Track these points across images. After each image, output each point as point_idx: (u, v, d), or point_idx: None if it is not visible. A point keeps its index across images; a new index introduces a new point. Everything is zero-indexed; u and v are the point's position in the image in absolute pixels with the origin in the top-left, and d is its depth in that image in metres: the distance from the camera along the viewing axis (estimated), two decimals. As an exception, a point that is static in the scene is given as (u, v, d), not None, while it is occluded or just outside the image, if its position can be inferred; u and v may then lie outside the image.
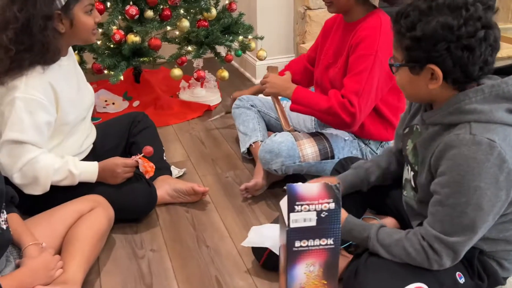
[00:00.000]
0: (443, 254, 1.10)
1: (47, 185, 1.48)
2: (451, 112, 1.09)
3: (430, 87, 1.08)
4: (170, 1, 2.27)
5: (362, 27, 1.63)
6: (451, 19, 1.01)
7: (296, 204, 1.05)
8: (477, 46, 1.01)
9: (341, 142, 1.76)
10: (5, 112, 1.41)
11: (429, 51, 1.04)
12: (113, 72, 2.26)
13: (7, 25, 1.37)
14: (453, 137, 1.06)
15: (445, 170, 1.08)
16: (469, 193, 1.05)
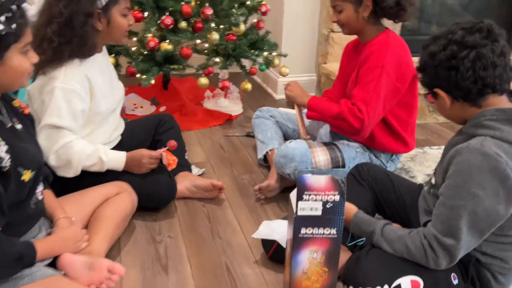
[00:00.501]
0: (440, 254, 1.19)
1: (79, 169, 1.61)
2: (474, 124, 1.22)
3: (445, 106, 1.23)
4: (203, 14, 2.44)
5: (372, 43, 1.76)
6: (433, 47, 1.20)
7: (304, 193, 1.16)
8: (460, 65, 1.15)
9: (353, 153, 1.87)
10: (45, 99, 1.56)
11: (427, 77, 1.24)
12: (145, 76, 2.43)
13: (52, 19, 1.52)
14: (464, 145, 1.18)
15: (451, 174, 1.18)
16: (467, 198, 1.14)
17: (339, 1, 1.73)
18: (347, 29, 1.79)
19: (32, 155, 1.22)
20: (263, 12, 2.68)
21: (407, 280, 1.23)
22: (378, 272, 1.23)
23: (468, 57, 1.15)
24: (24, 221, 1.25)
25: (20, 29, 1.09)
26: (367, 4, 1.71)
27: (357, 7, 1.72)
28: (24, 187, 1.19)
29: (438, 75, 1.19)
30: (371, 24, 1.76)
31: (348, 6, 1.72)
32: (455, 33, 1.17)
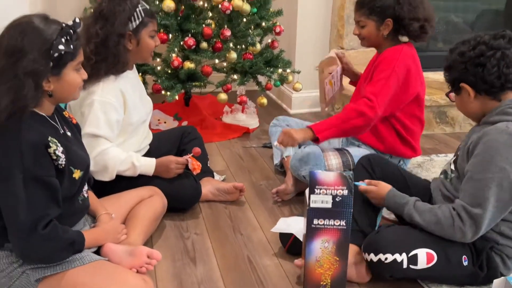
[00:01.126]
0: (467, 223, 1.36)
1: (114, 174, 1.80)
2: (497, 113, 1.41)
3: (472, 101, 1.43)
4: (222, 35, 2.66)
5: (386, 51, 1.96)
6: (463, 48, 1.41)
7: (316, 187, 1.34)
8: (487, 62, 1.36)
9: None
10: (85, 112, 1.76)
11: (456, 72, 1.43)
12: (170, 93, 2.64)
13: (90, 39, 1.73)
14: (492, 127, 1.38)
15: (479, 152, 1.37)
16: (495, 171, 1.33)
17: (363, 17, 1.94)
18: (367, 42, 2.00)
19: (80, 157, 1.42)
20: (277, 32, 2.89)
21: (423, 251, 1.40)
22: (398, 241, 1.41)
23: (494, 56, 1.36)
24: (72, 214, 1.44)
25: (76, 49, 1.29)
26: (388, 24, 1.92)
27: (379, 25, 1.93)
28: (74, 184, 1.38)
29: (467, 70, 1.39)
30: (390, 40, 1.96)
31: (370, 23, 1.94)
32: (482, 37, 1.39)
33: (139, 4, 1.77)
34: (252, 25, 2.81)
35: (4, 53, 1.22)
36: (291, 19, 3.30)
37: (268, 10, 2.88)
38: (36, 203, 1.23)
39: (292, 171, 2.03)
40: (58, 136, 1.34)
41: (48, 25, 1.25)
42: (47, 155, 1.25)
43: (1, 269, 1.30)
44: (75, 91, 1.35)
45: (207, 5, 2.75)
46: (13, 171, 1.20)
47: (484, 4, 3.93)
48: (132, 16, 1.75)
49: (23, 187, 1.20)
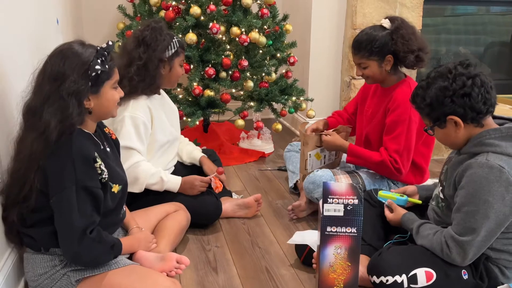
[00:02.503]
0: (454, 250, 1.47)
1: (143, 186, 1.94)
2: (475, 144, 1.49)
3: (458, 132, 1.50)
4: (240, 65, 2.86)
5: (397, 93, 2.05)
6: (443, 82, 1.47)
7: (329, 197, 1.48)
8: (471, 91, 1.44)
9: (373, 179, 2.16)
10: (117, 127, 1.92)
11: (441, 108, 1.48)
12: (191, 119, 2.83)
13: (132, 62, 1.93)
14: (473, 161, 1.46)
15: (464, 185, 1.46)
16: (479, 204, 1.42)
17: (364, 59, 2.04)
18: (371, 80, 2.11)
19: (118, 173, 1.56)
20: (291, 63, 3.09)
21: (422, 271, 1.50)
22: (397, 263, 1.52)
23: (475, 84, 1.44)
24: (112, 225, 1.58)
25: (111, 68, 1.44)
26: (389, 60, 2.03)
27: (380, 63, 2.03)
28: (115, 197, 1.52)
29: (454, 103, 1.44)
30: (392, 74, 2.09)
31: (372, 63, 2.04)
32: (456, 69, 1.47)
33: (174, 36, 1.99)
34: (267, 56, 3.00)
35: (48, 78, 1.37)
36: (305, 50, 3.51)
37: (283, 42, 3.08)
38: (85, 210, 1.37)
39: (306, 194, 2.16)
40: (100, 151, 1.48)
41: (85, 48, 1.40)
42: (95, 168, 1.40)
43: (44, 271, 1.45)
44: (113, 108, 1.49)
45: (226, 37, 2.96)
46: (67, 182, 1.34)
47: (492, 37, 4.10)
48: (170, 45, 1.96)
49: (76, 196, 1.34)
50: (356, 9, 3.32)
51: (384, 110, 2.10)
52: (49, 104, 1.36)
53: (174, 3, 2.78)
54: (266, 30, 2.97)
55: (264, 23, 2.93)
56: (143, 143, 1.94)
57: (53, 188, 1.35)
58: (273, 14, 3.03)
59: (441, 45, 3.99)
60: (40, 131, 1.36)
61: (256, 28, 2.83)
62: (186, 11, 2.82)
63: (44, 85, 1.37)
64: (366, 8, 3.33)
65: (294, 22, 3.24)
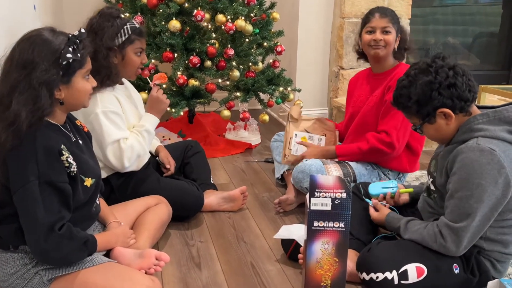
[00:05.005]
0: (449, 239, 1.42)
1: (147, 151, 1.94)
2: (464, 131, 1.46)
3: (449, 123, 1.46)
4: (226, 54, 2.77)
5: (399, 72, 2.03)
6: (426, 77, 1.44)
7: (316, 191, 1.41)
8: (455, 81, 1.41)
9: (363, 170, 2.11)
10: (94, 127, 1.83)
11: (430, 102, 1.44)
12: (175, 109, 2.74)
13: None
14: (463, 146, 1.42)
15: (456, 170, 1.42)
16: (473, 188, 1.38)
17: (391, 24, 2.05)
18: (385, 50, 2.06)
19: (91, 165, 1.49)
20: (278, 52, 3.01)
21: (413, 266, 1.45)
22: (387, 259, 1.47)
23: (457, 73, 1.42)
24: (86, 220, 1.50)
25: (83, 57, 1.37)
26: (397, 39, 2.07)
27: (396, 35, 2.07)
28: (87, 191, 1.45)
29: (442, 95, 1.41)
30: (392, 56, 2.10)
31: (394, 31, 2.06)
32: (435, 62, 1.44)
33: (128, 22, 1.88)
34: (254, 45, 2.92)
35: (16, 65, 1.28)
36: (292, 39, 3.43)
37: (270, 30, 3.00)
38: (52, 206, 1.29)
39: (295, 183, 2.10)
40: (70, 143, 1.41)
41: (56, 36, 1.33)
42: (61, 162, 1.31)
43: (15, 271, 1.36)
44: (85, 98, 1.42)
45: (211, 25, 2.87)
46: (30, 176, 1.26)
47: (480, 27, 4.08)
48: (119, 32, 1.85)
49: (40, 191, 1.27)
50: (345, -3, 3.25)
51: (383, 89, 2.07)
52: (19, 93, 1.28)
53: (156, -11, 2.67)
54: (252, 18, 2.88)
55: (251, 11, 2.84)
56: (124, 129, 1.89)
57: (14, 183, 1.27)
58: (259, 1, 2.94)
59: (429, 35, 3.95)
60: (8, 121, 1.27)
61: (242, 16, 2.74)
62: (170, -3, 2.72)
63: (11, 73, 1.29)
64: (355, -4, 3.26)
65: (281, 10, 3.16)
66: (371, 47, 2.07)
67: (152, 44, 2.75)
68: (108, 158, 1.85)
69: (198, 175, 2.25)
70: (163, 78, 2.08)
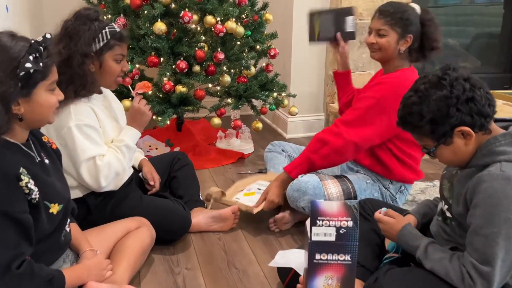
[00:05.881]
0: (478, 282, 1.22)
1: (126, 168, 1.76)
2: (484, 154, 1.27)
3: (468, 144, 1.26)
4: (215, 58, 2.58)
5: (389, 76, 1.86)
6: (440, 92, 1.24)
7: (318, 219, 1.23)
8: (473, 94, 1.23)
9: (363, 184, 1.93)
10: (67, 142, 1.64)
11: (447, 120, 1.24)
12: (161, 118, 2.54)
13: None
14: (485, 172, 1.23)
15: (478, 202, 1.22)
16: (500, 223, 1.19)
17: (387, 26, 1.83)
18: (381, 54, 1.88)
19: (58, 189, 1.30)
20: (272, 55, 2.82)
21: None
22: None
23: (476, 85, 1.23)
24: (53, 251, 1.32)
25: (47, 68, 1.19)
26: (407, 40, 1.83)
27: (400, 38, 1.83)
28: (53, 219, 1.26)
29: (460, 111, 1.22)
30: (399, 59, 1.88)
31: (393, 34, 1.83)
32: (447, 74, 1.25)
33: (107, 26, 1.69)
34: (246, 48, 2.74)
35: None
36: (286, 42, 3.25)
37: (263, 33, 2.82)
38: (8, 240, 1.11)
39: (290, 203, 1.92)
40: (33, 165, 1.23)
41: (15, 41, 1.15)
42: (19, 188, 1.13)
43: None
44: (48, 114, 1.24)
45: (200, 27, 2.68)
46: None
47: (477, 28, 3.94)
48: (97, 37, 1.66)
49: None
50: (342, -2, 3.08)
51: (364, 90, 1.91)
52: None
53: (140, -12, 2.48)
54: (244, 19, 2.69)
55: (242, 12, 2.65)
56: (101, 144, 1.70)
57: None
58: (251, 2, 2.75)
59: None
60: None
61: (233, 17, 2.55)
62: (155, -3, 2.53)
63: None
64: (352, -4, 3.09)
65: (274, 11, 2.97)
66: (369, 49, 1.91)
67: (136, 48, 2.55)
68: (82, 177, 1.66)
69: (185, 190, 2.07)
70: (146, 87, 1.88)
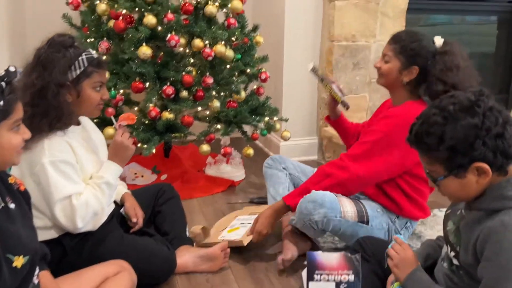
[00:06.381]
0: None
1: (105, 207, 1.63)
2: (495, 197, 1.14)
3: (480, 182, 1.14)
4: (204, 83, 2.47)
5: (393, 109, 1.76)
6: (471, 119, 1.10)
7: (315, 273, 1.10)
8: (504, 130, 1.10)
9: (374, 212, 1.81)
10: (41, 180, 1.51)
11: (469, 152, 1.11)
12: (146, 146, 2.41)
13: (26, 91, 1.49)
14: (498, 222, 1.10)
15: (491, 255, 1.10)
16: None
17: (392, 52, 1.75)
18: (384, 80, 1.80)
19: (24, 239, 1.16)
20: (263, 79, 2.72)
21: None
22: None
23: (508, 121, 1.11)
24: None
25: (9, 105, 1.06)
26: (412, 72, 1.73)
27: (403, 68, 1.74)
28: (17, 274, 1.12)
29: (486, 146, 1.10)
30: (406, 90, 1.78)
31: (396, 62, 1.75)
32: (481, 100, 1.12)
33: (84, 52, 1.57)
34: (236, 72, 2.63)
35: None
36: (278, 64, 3.15)
37: (253, 56, 2.71)
38: None
39: (302, 216, 1.73)
40: None
41: None
42: None
43: None
44: (11, 155, 1.11)
45: (189, 51, 2.57)
46: None
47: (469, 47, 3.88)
48: (73, 64, 1.54)
49: None
50: (334, 19, 3.00)
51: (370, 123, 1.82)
52: None
53: (124, 11, 2.37)
54: (233, 42, 2.59)
55: (231, 35, 2.55)
56: (77, 182, 1.57)
57: None
58: (241, 24, 2.66)
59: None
60: None
61: (222, 40, 2.44)
62: (140, 20, 2.42)
63: None
64: (345, 17, 3.01)
65: (265, 34, 2.87)
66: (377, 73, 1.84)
67: (120, 73, 2.43)
68: (57, 218, 1.52)
69: (170, 227, 1.92)
70: (130, 119, 1.75)
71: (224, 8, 2.55)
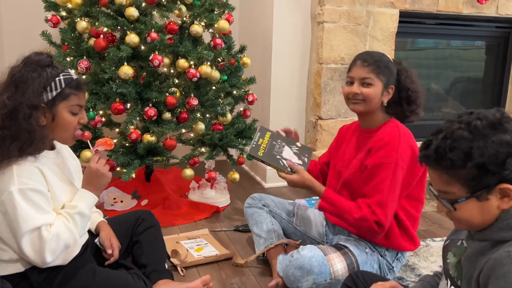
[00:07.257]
0: None
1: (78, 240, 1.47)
2: (501, 228, 1.05)
3: (502, 206, 1.03)
4: (188, 105, 2.36)
5: (382, 133, 1.69)
6: (503, 135, 1.00)
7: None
8: None
9: (364, 256, 1.72)
10: (8, 210, 1.38)
11: (499, 171, 1.00)
12: (126, 170, 2.28)
13: None
14: (503, 254, 1.00)
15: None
16: None
17: (373, 74, 1.68)
18: (365, 105, 1.70)
19: None
20: (249, 101, 2.63)
21: None
22: None
23: None
24: None
25: None
26: (389, 91, 1.70)
27: (383, 90, 1.70)
28: None
29: None
30: (382, 111, 1.74)
31: (379, 83, 1.69)
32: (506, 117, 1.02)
33: (62, 73, 1.46)
34: (222, 93, 2.54)
35: None
36: (265, 86, 3.08)
37: (240, 77, 2.63)
38: None
39: (289, 282, 1.65)
40: None
41: None
42: None
43: None
44: None
45: (173, 71, 2.48)
46: None
47: (455, 71, 3.87)
48: (49, 85, 1.43)
49: None
50: (323, 41, 2.94)
51: (365, 151, 1.70)
52: None
53: (106, 29, 2.27)
54: (220, 63, 2.51)
55: (218, 55, 2.47)
56: (48, 212, 1.43)
57: None
58: (228, 45, 2.58)
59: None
60: None
61: (208, 61, 2.36)
62: (122, 39, 2.32)
63: None
64: (334, 40, 2.96)
65: (252, 55, 2.80)
66: (350, 100, 1.73)
67: (100, 93, 2.31)
68: (24, 251, 1.38)
69: (149, 259, 1.78)
70: (108, 145, 1.62)
71: (210, 28, 2.48)
